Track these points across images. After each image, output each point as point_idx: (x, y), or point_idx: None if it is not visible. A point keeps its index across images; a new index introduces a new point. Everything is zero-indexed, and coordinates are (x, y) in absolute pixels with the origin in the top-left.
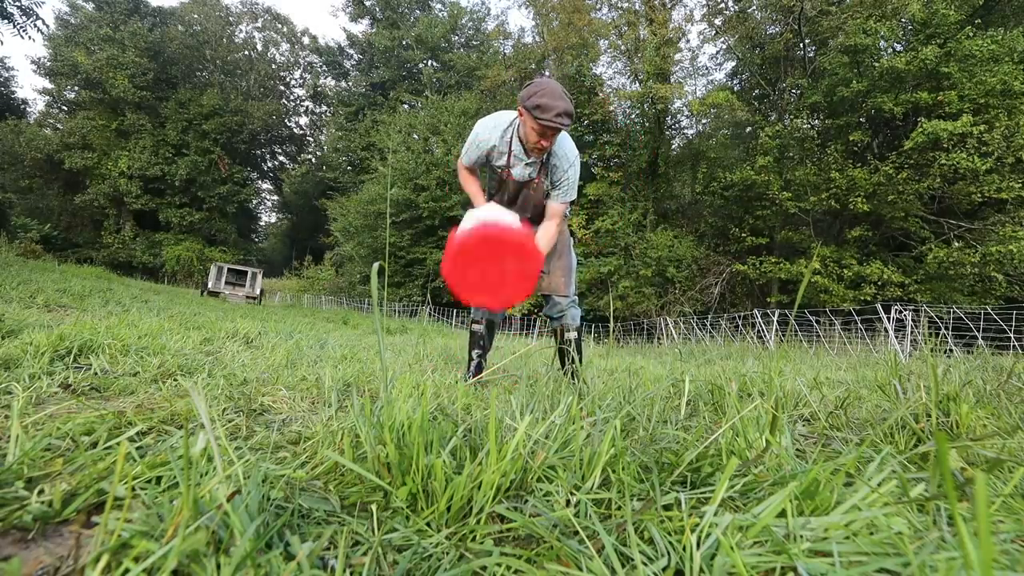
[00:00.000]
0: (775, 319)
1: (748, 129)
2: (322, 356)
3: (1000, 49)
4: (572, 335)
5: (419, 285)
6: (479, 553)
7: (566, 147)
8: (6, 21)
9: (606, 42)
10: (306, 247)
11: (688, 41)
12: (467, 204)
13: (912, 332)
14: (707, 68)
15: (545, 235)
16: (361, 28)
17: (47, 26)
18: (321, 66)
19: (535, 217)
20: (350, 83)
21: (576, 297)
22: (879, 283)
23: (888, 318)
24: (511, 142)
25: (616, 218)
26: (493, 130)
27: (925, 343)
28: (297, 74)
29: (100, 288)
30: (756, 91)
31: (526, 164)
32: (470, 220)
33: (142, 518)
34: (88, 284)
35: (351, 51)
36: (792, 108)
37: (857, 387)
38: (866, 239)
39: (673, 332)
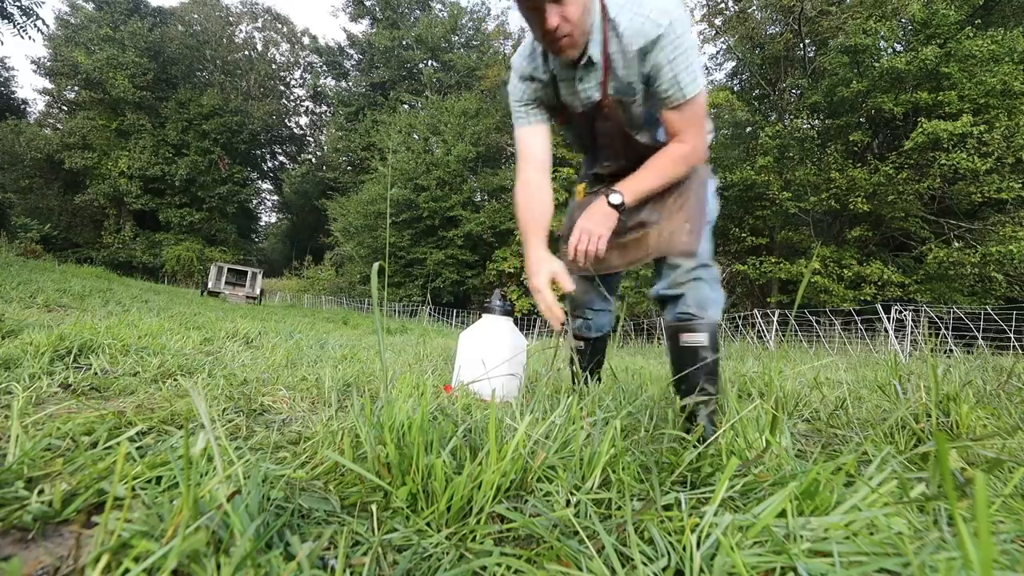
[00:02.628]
0: (775, 319)
1: (748, 129)
2: (322, 356)
3: (1000, 49)
4: (699, 338)
5: (419, 285)
6: (479, 553)
7: (629, 9)
8: (6, 21)
9: None
10: (306, 247)
11: None
12: (467, 203)
13: (912, 332)
14: (707, 68)
15: (652, 170)
16: (361, 28)
17: (47, 26)
18: (321, 66)
19: (641, 159)
20: (350, 83)
21: (712, 265)
22: (879, 283)
23: (888, 318)
24: (549, 59)
25: None
26: (523, 53)
27: (925, 343)
28: (297, 74)
29: (100, 288)
30: (756, 91)
31: (575, 81)
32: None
33: (142, 518)
34: (88, 284)
35: (351, 51)
36: (792, 108)
37: (857, 387)
38: (866, 239)
39: None
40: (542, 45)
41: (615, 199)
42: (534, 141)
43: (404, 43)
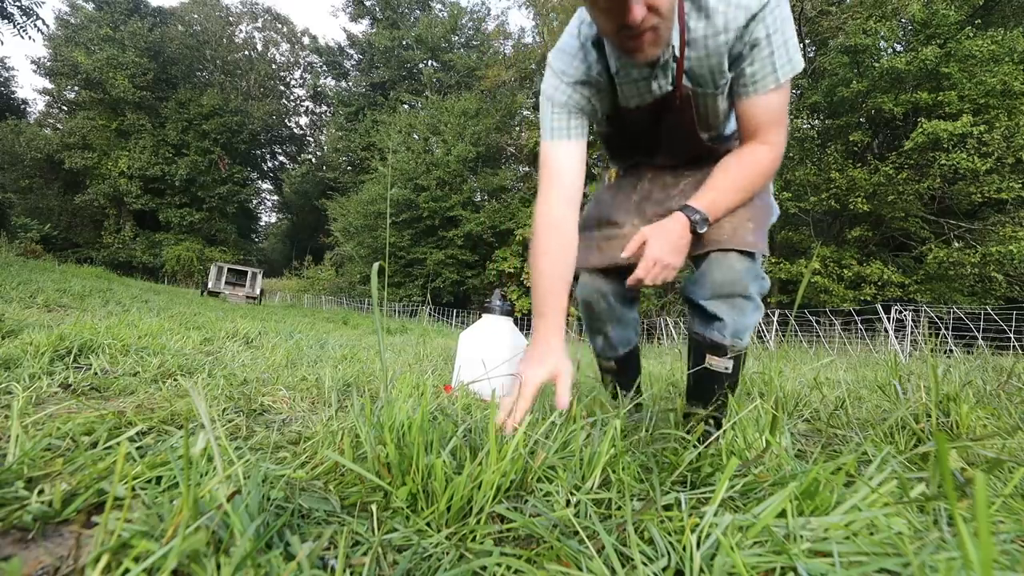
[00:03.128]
0: (775, 319)
1: None
2: (322, 356)
3: (1000, 49)
4: (727, 364)
5: (419, 285)
6: (479, 553)
7: None
8: (6, 21)
9: None
10: (306, 247)
11: None
12: (467, 203)
13: (912, 332)
14: None
15: (734, 181)
16: (361, 28)
17: (47, 26)
18: (321, 66)
19: (698, 158)
20: (350, 83)
21: (765, 279)
22: (879, 283)
23: (888, 318)
24: (603, 53)
25: None
26: (568, 50)
27: (925, 343)
28: (297, 74)
29: (100, 288)
30: None
31: (648, 80)
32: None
33: (142, 518)
34: (88, 284)
35: (351, 51)
36: (792, 108)
37: (857, 387)
38: (866, 239)
39: (673, 332)
40: (614, 42)
41: (699, 223)
42: (571, 164)
43: (404, 43)
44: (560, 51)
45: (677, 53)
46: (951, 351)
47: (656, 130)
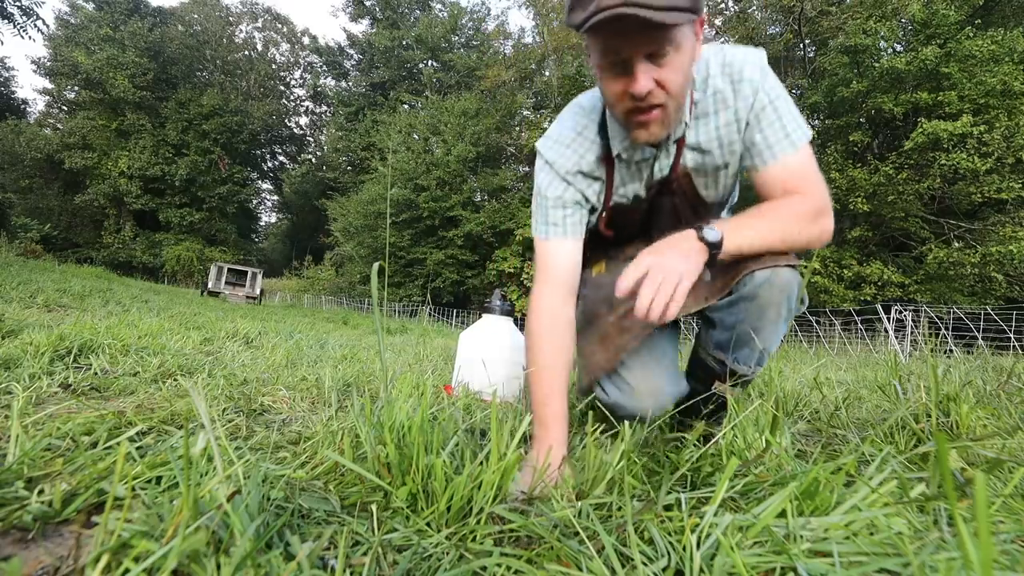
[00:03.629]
0: None
1: None
2: (322, 356)
3: (1000, 49)
4: (736, 391)
5: (419, 285)
6: (479, 553)
7: (717, 61)
8: (6, 21)
9: None
10: (306, 247)
11: None
12: (467, 203)
13: (912, 332)
14: None
15: (769, 221)
16: (361, 28)
17: (47, 26)
18: (321, 66)
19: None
20: (350, 83)
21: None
22: (879, 283)
23: (888, 318)
24: (606, 136)
25: None
26: (563, 138)
27: (925, 343)
28: (297, 74)
29: (100, 288)
30: None
31: (649, 163)
32: None
33: (142, 518)
34: (88, 284)
35: (351, 51)
36: None
37: (857, 387)
38: (866, 239)
39: None
40: (621, 118)
41: (711, 235)
42: (568, 260)
43: (404, 43)
44: (552, 140)
45: (682, 134)
46: (951, 351)
47: (650, 217)
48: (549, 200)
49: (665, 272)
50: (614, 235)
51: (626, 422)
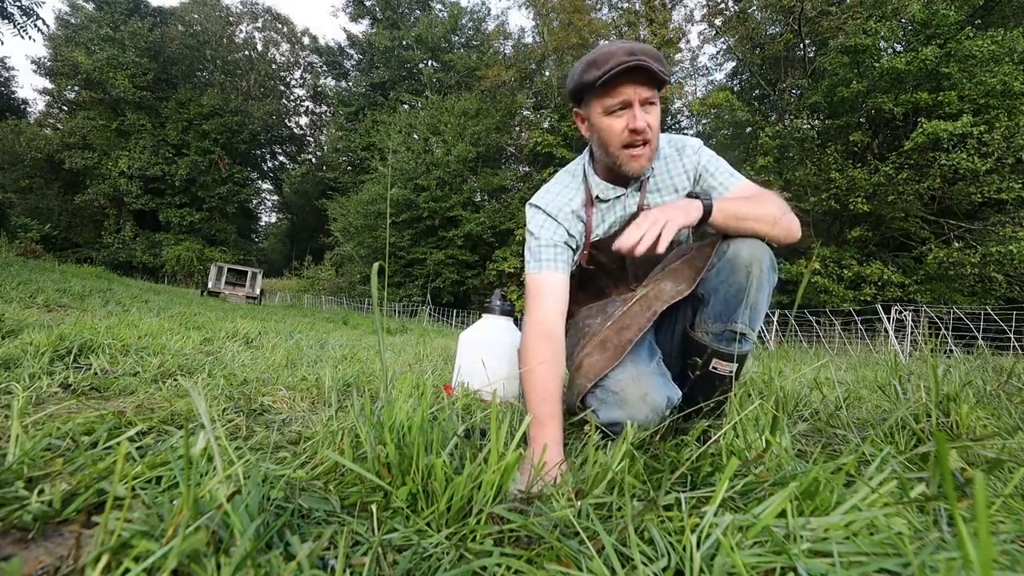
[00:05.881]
0: (775, 319)
1: (748, 129)
2: (322, 356)
3: (1000, 49)
4: (732, 368)
5: (419, 285)
6: (479, 553)
7: (664, 140)
8: (6, 21)
9: (606, 42)
10: (306, 247)
11: (688, 41)
12: (467, 203)
13: (912, 332)
14: (707, 68)
15: (747, 199)
16: (361, 28)
17: (47, 26)
18: (321, 66)
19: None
20: (350, 83)
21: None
22: (879, 283)
23: (888, 318)
24: (587, 186)
25: None
26: (557, 189)
27: (925, 343)
28: (297, 74)
29: (100, 288)
30: (756, 91)
31: (620, 201)
32: None
33: (142, 518)
34: (88, 284)
35: (351, 51)
36: (792, 108)
37: (857, 387)
38: (866, 239)
39: None
40: (613, 151)
41: (704, 199)
42: (558, 286)
43: (404, 43)
44: (543, 193)
45: (648, 176)
46: (951, 351)
47: (619, 255)
48: (541, 240)
49: (655, 214)
50: (593, 270)
51: (627, 423)
